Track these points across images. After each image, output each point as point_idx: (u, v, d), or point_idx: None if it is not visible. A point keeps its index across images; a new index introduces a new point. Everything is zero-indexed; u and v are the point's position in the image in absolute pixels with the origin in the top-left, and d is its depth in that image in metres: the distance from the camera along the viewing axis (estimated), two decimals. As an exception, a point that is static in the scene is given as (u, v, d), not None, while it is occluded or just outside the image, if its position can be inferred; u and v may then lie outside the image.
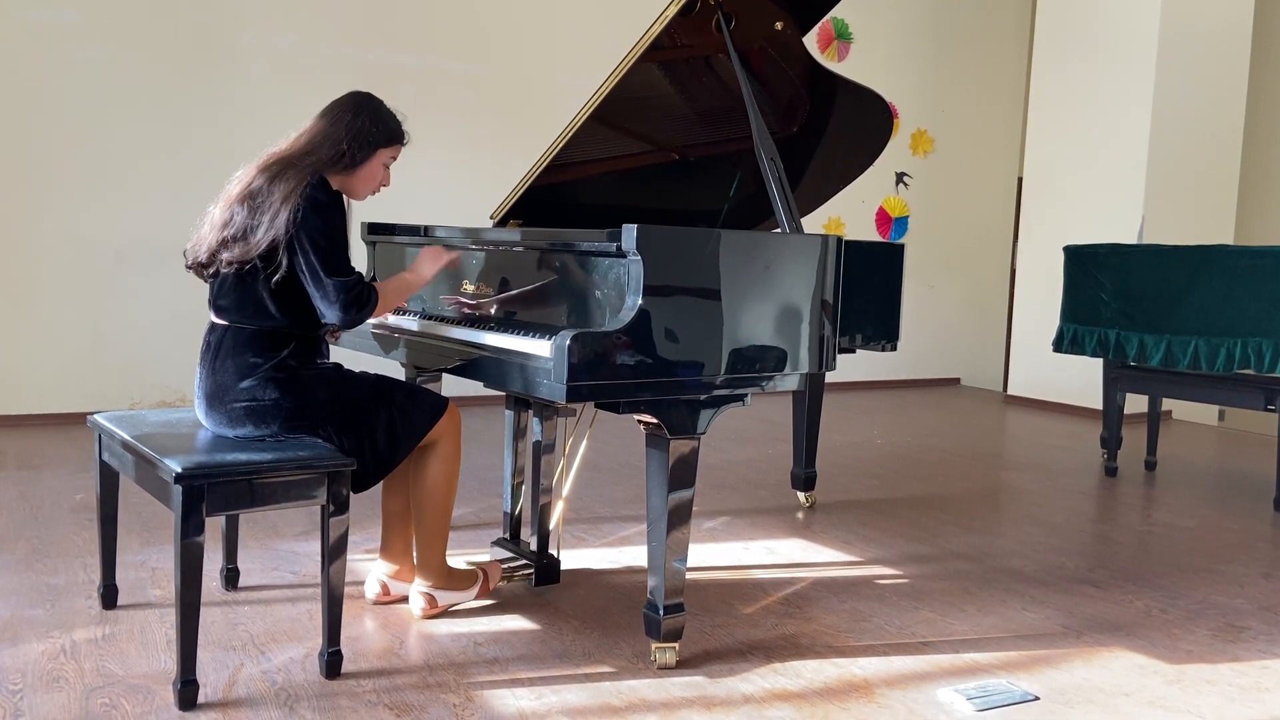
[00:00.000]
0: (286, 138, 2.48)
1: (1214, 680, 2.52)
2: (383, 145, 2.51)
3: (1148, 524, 4.07)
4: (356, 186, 2.53)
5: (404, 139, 2.56)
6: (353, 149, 2.44)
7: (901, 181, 7.79)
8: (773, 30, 3.15)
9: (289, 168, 2.36)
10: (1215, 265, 4.21)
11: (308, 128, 2.48)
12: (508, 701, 2.25)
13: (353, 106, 2.48)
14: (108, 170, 5.16)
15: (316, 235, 2.31)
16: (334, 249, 2.34)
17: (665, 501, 2.37)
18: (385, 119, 2.51)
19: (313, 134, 2.46)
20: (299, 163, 2.38)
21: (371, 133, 2.47)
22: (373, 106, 2.50)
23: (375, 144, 2.49)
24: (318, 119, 2.49)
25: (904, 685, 2.42)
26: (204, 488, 2.14)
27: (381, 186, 2.59)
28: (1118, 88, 6.62)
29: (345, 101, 2.50)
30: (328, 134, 2.44)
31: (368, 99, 2.52)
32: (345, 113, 2.47)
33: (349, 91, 2.54)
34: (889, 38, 7.63)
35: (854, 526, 3.81)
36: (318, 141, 2.43)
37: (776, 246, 2.48)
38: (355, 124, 2.45)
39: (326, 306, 2.35)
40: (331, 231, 2.34)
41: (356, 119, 2.46)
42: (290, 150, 2.43)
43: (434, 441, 2.58)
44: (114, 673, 2.31)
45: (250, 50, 5.43)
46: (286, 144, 2.46)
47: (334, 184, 2.42)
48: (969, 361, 8.34)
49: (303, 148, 2.43)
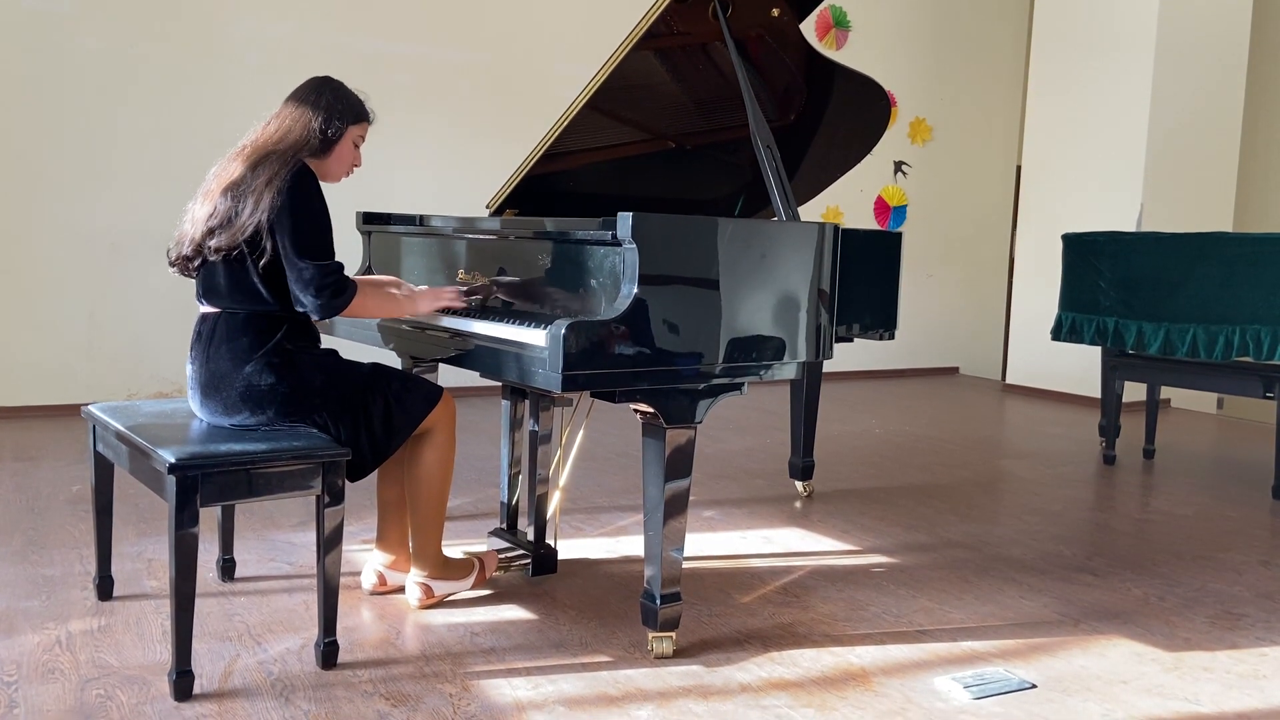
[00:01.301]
0: (254, 127, 2.50)
1: (1211, 668, 2.52)
2: (351, 123, 2.53)
3: (1146, 512, 4.07)
4: (331, 168, 2.55)
5: (370, 117, 2.58)
6: (324, 130, 2.46)
7: (900, 170, 7.77)
8: (769, 17, 3.13)
9: (269, 154, 2.38)
10: (1214, 253, 4.20)
11: (276, 114, 2.50)
12: (504, 691, 2.25)
13: (315, 89, 2.51)
14: (103, 161, 5.14)
15: (297, 218, 2.33)
16: (315, 233, 2.36)
17: (662, 491, 2.36)
18: (348, 96, 2.54)
19: (282, 120, 2.47)
20: (278, 150, 2.39)
21: (338, 111, 2.49)
22: (333, 86, 2.53)
23: (344, 121, 2.50)
24: (285, 106, 2.51)
25: (901, 674, 2.42)
26: (198, 478, 2.13)
27: (354, 167, 2.61)
28: (1116, 75, 6.60)
29: (308, 85, 2.53)
30: (298, 118, 2.46)
31: (328, 80, 2.55)
32: (309, 95, 2.50)
33: (310, 77, 2.56)
34: (887, 26, 7.60)
35: (851, 515, 3.81)
36: (289, 126, 2.45)
37: (774, 235, 2.47)
38: (321, 104, 2.48)
39: (301, 290, 2.35)
40: (313, 215, 2.36)
41: (321, 99, 2.48)
42: (265, 138, 2.44)
43: (428, 430, 2.57)
44: (109, 664, 2.31)
45: (246, 39, 5.40)
46: (258, 133, 2.48)
47: (312, 169, 2.44)
48: (967, 350, 8.33)
49: (276, 135, 2.44)
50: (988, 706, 2.27)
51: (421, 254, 3.05)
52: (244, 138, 2.49)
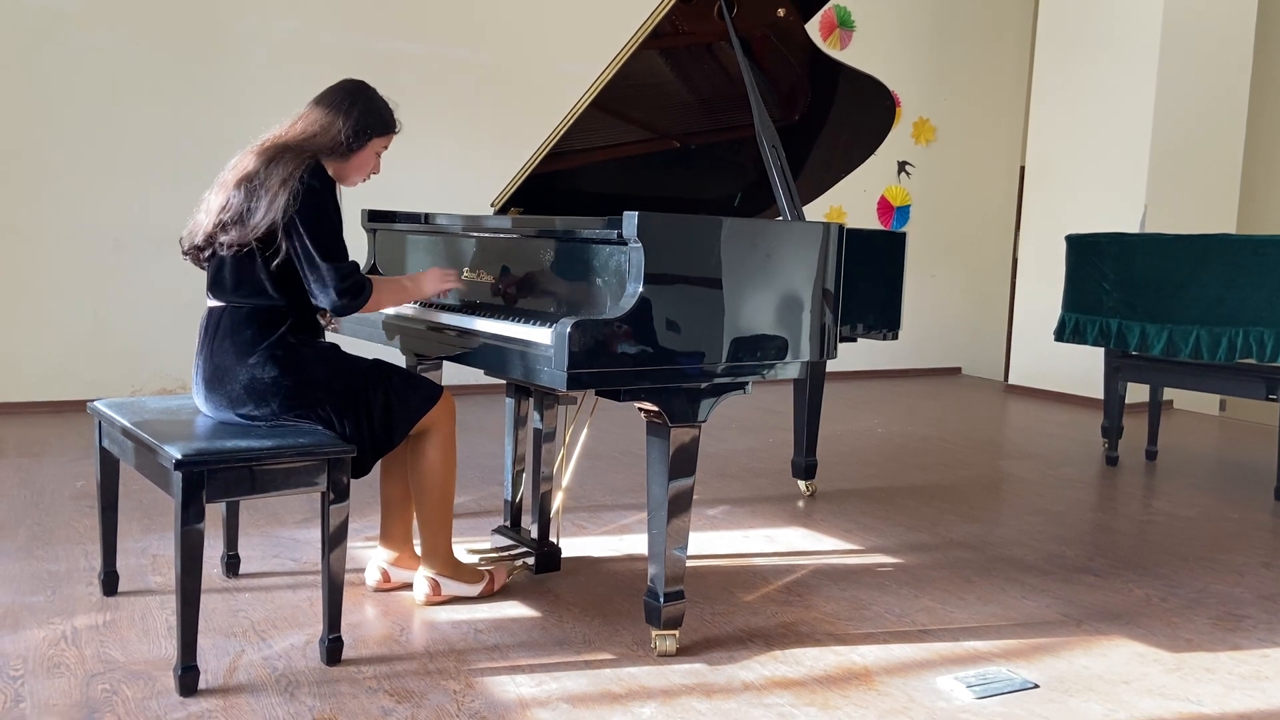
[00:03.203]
0: (280, 124, 2.49)
1: (1213, 669, 2.52)
2: (378, 134, 2.53)
3: (1148, 513, 4.07)
4: (349, 173, 2.55)
5: (397, 128, 2.58)
6: (349, 137, 2.46)
7: (904, 170, 7.77)
8: (775, 17, 3.13)
9: (285, 152, 2.37)
10: (1217, 255, 4.20)
11: (303, 114, 2.49)
12: (508, 688, 2.25)
13: (349, 94, 2.50)
14: (107, 157, 5.15)
15: (313, 220, 2.33)
16: (330, 235, 2.37)
17: (666, 489, 2.37)
18: (380, 108, 2.53)
19: (309, 121, 2.47)
20: (296, 148, 2.39)
21: (367, 121, 2.49)
22: (368, 95, 2.52)
23: (371, 133, 2.50)
24: (313, 106, 2.50)
25: (904, 673, 2.42)
26: (204, 474, 2.14)
27: (371, 174, 2.61)
28: (1121, 76, 6.60)
29: (341, 89, 2.51)
30: (324, 122, 2.45)
31: (363, 87, 2.53)
32: (342, 100, 2.48)
33: (344, 79, 2.56)
34: (891, 26, 7.60)
35: (854, 515, 3.81)
36: (314, 129, 2.45)
37: (778, 234, 2.47)
38: (352, 112, 2.47)
39: (321, 291, 2.36)
40: (328, 217, 2.37)
41: (354, 107, 2.47)
42: (287, 136, 2.44)
43: (429, 429, 2.58)
44: (115, 659, 2.31)
45: (250, 37, 5.41)
46: (282, 130, 2.47)
47: (328, 170, 2.43)
48: (970, 351, 8.33)
49: (299, 134, 2.44)
50: (990, 706, 2.27)
51: (427, 252, 3.05)
52: (267, 132, 2.48)
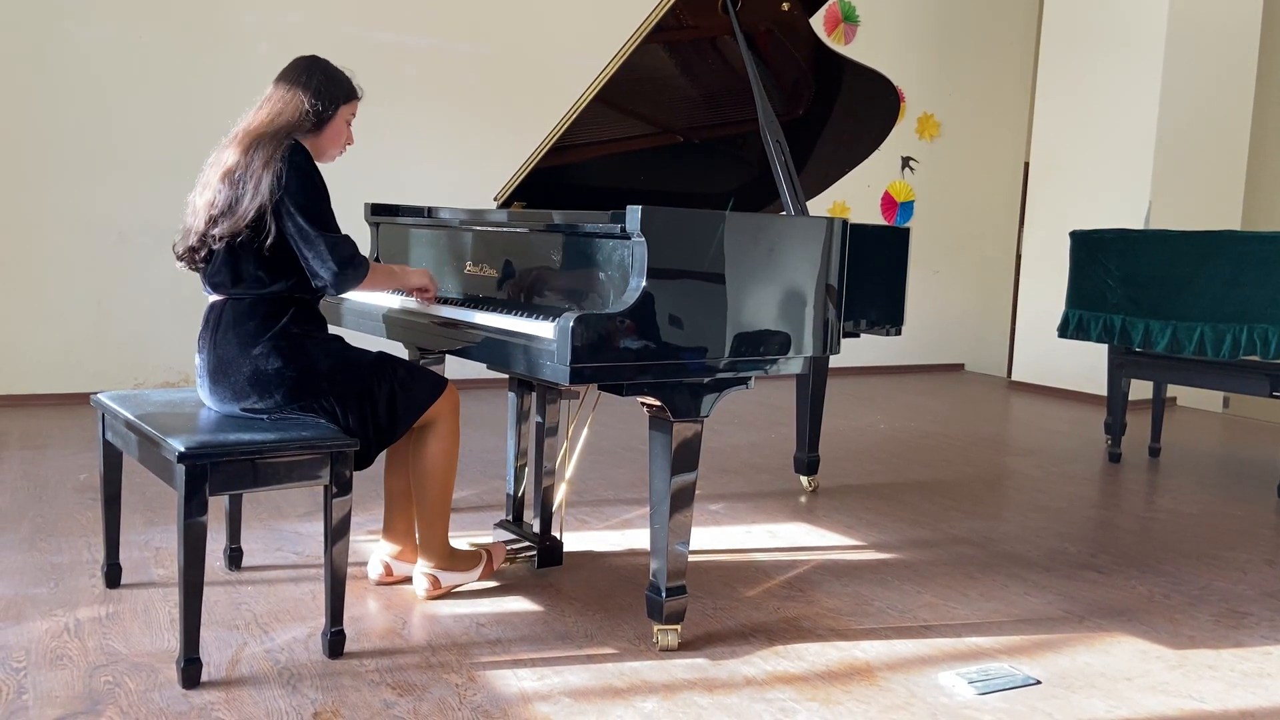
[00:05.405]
0: (245, 114, 2.50)
1: (1216, 666, 2.52)
2: (343, 102, 2.54)
3: (1151, 510, 4.07)
4: (325, 147, 2.56)
5: (359, 93, 2.59)
6: (316, 109, 2.46)
7: (907, 166, 7.76)
8: (779, 12, 3.13)
9: (262, 137, 2.38)
10: (1222, 251, 4.19)
11: (267, 98, 2.50)
12: (510, 682, 2.25)
13: (305, 69, 2.51)
14: (112, 150, 5.15)
15: (302, 196, 2.35)
16: (321, 208, 2.39)
17: (668, 484, 2.37)
18: (337, 75, 2.55)
19: (273, 103, 2.48)
20: (270, 132, 2.40)
21: (329, 90, 2.50)
22: (322, 65, 2.54)
23: (336, 101, 2.51)
24: (274, 88, 2.51)
25: (906, 668, 2.42)
26: (207, 467, 2.14)
27: (347, 145, 2.62)
28: (1125, 72, 6.58)
29: (296, 66, 2.53)
30: (288, 99, 2.46)
31: (315, 60, 2.55)
32: (299, 76, 2.50)
33: (296, 57, 2.56)
34: (896, 21, 7.59)
35: (856, 511, 3.81)
36: (280, 108, 2.46)
37: (781, 229, 2.47)
38: (311, 84, 2.48)
39: (320, 264, 2.37)
40: (316, 191, 2.38)
41: (312, 79, 2.49)
42: (256, 122, 2.45)
43: (433, 421, 2.58)
44: (117, 651, 2.32)
45: (255, 29, 5.41)
46: (249, 118, 2.48)
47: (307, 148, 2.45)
48: (973, 347, 8.32)
49: (267, 117, 2.45)
50: (992, 702, 2.27)
51: (430, 246, 3.05)
52: (236, 124, 2.49)
